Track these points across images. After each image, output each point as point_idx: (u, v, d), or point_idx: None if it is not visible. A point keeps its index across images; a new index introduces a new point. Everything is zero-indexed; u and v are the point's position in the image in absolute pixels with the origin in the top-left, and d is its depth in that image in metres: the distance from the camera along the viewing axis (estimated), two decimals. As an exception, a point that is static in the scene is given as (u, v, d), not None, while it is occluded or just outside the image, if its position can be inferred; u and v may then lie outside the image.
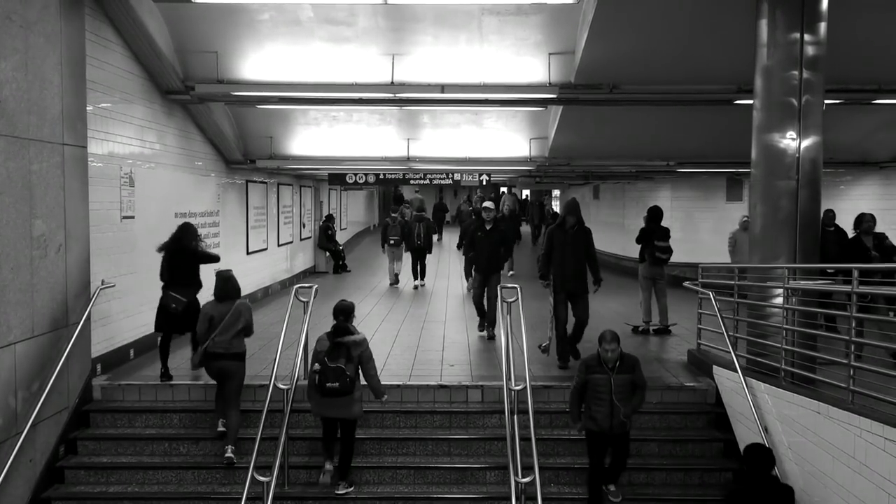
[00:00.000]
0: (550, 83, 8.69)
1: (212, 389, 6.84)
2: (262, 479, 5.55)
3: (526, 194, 32.79)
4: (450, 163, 13.76)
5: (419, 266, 14.99)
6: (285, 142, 12.80)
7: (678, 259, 10.74)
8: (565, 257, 7.81)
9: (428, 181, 14.13)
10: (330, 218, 18.36)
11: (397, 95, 8.96)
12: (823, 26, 6.29)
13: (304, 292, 7.05)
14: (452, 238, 21.21)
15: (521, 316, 6.73)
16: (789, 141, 6.33)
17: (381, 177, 13.94)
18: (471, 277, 10.09)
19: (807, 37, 6.23)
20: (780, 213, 6.41)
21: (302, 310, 6.97)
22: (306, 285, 7.42)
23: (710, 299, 7.28)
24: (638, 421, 6.01)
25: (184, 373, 7.56)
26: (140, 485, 6.43)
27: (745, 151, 6.89)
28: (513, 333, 6.70)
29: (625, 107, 9.72)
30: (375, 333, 9.60)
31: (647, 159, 13.69)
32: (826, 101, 6.57)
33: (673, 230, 10.45)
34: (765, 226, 6.59)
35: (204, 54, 8.74)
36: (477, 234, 9.46)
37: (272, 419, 6.41)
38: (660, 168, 14.13)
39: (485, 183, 14.72)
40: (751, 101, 6.73)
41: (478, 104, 10.12)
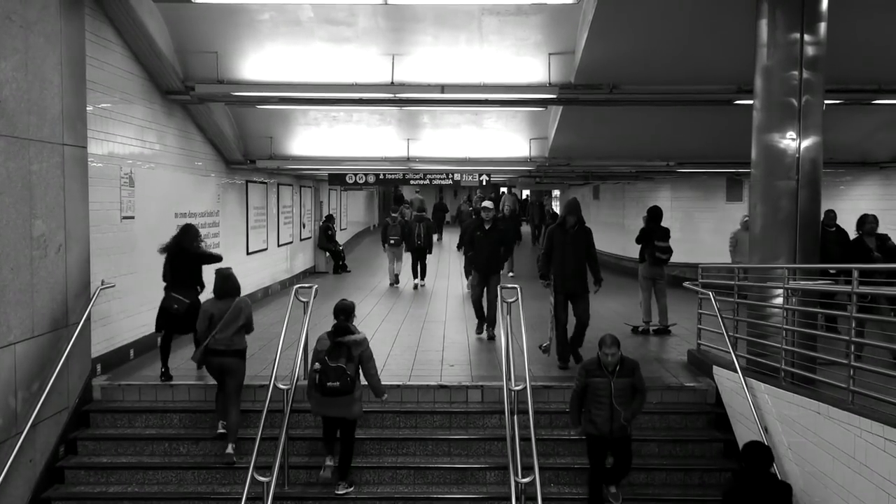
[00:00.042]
0: (550, 83, 8.69)
1: (212, 390, 6.85)
2: (262, 479, 5.56)
3: (526, 194, 32.76)
4: (450, 163, 13.76)
5: (419, 266, 15.05)
6: (285, 142, 12.80)
7: (678, 259, 10.74)
8: (565, 257, 7.79)
9: (428, 181, 14.12)
10: (330, 218, 18.36)
11: (397, 95, 8.96)
12: (823, 26, 6.29)
13: (304, 292, 7.05)
14: (452, 238, 21.21)
15: (521, 316, 6.73)
16: (789, 141, 6.32)
17: (381, 177, 13.93)
18: (471, 276, 10.08)
19: (807, 37, 6.23)
20: (780, 213, 6.41)
21: (302, 310, 6.97)
22: (306, 285, 7.43)
23: (710, 299, 7.28)
24: (638, 421, 6.01)
25: (184, 373, 7.56)
26: (140, 485, 6.43)
27: (745, 151, 6.88)
28: (513, 334, 6.71)
29: (625, 107, 9.72)
30: (375, 333, 9.60)
31: (647, 159, 13.68)
32: (826, 101, 6.57)
33: (673, 230, 10.45)
34: (765, 226, 6.58)
35: (204, 54, 8.74)
36: (476, 234, 9.43)
37: (272, 419, 6.41)
38: (660, 168, 14.12)
39: (485, 183, 14.71)
40: (751, 102, 6.73)
41: (478, 104, 10.11)
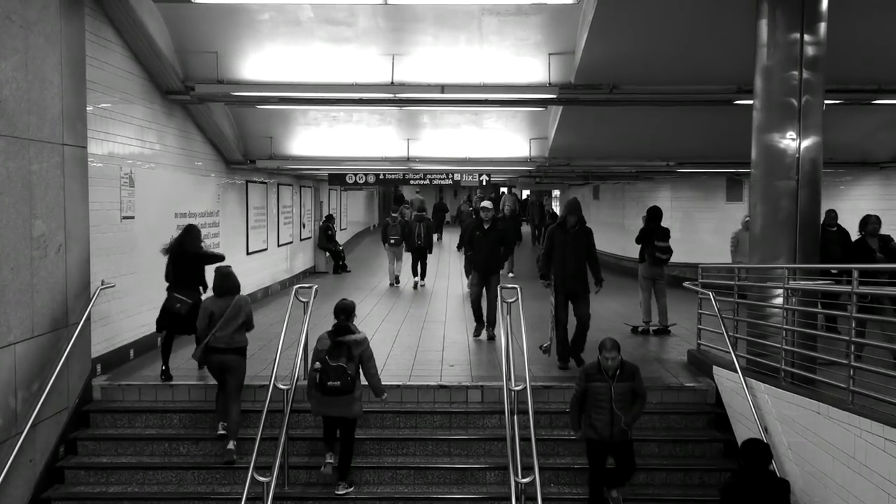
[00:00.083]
0: (550, 83, 8.69)
1: (212, 390, 6.85)
2: (262, 479, 5.56)
3: (526, 194, 32.73)
4: (450, 163, 13.76)
5: (420, 266, 15.10)
6: (285, 142, 12.80)
7: (678, 259, 10.74)
8: (566, 257, 7.77)
9: (428, 181, 14.12)
10: (330, 218, 18.36)
11: (397, 96, 8.96)
12: (823, 26, 6.29)
13: (304, 292, 7.05)
14: (452, 238, 21.20)
15: (521, 316, 6.73)
16: (789, 141, 6.32)
17: (381, 177, 13.93)
18: (470, 276, 10.06)
19: (807, 37, 6.22)
20: (780, 213, 6.41)
21: (302, 310, 6.97)
22: (306, 285, 7.43)
23: (710, 299, 7.28)
24: (638, 421, 5.99)
25: (184, 373, 7.56)
26: (140, 485, 6.43)
27: (745, 152, 6.88)
28: (513, 334, 6.71)
29: (625, 107, 9.72)
30: (375, 333, 9.59)
31: (647, 159, 13.68)
32: (826, 102, 6.57)
33: (673, 230, 10.45)
34: (765, 226, 6.58)
35: (204, 54, 8.74)
36: (475, 234, 9.40)
37: (272, 419, 6.41)
38: (660, 168, 14.12)
39: (485, 183, 14.72)
40: (751, 102, 6.73)
41: (478, 104, 10.11)
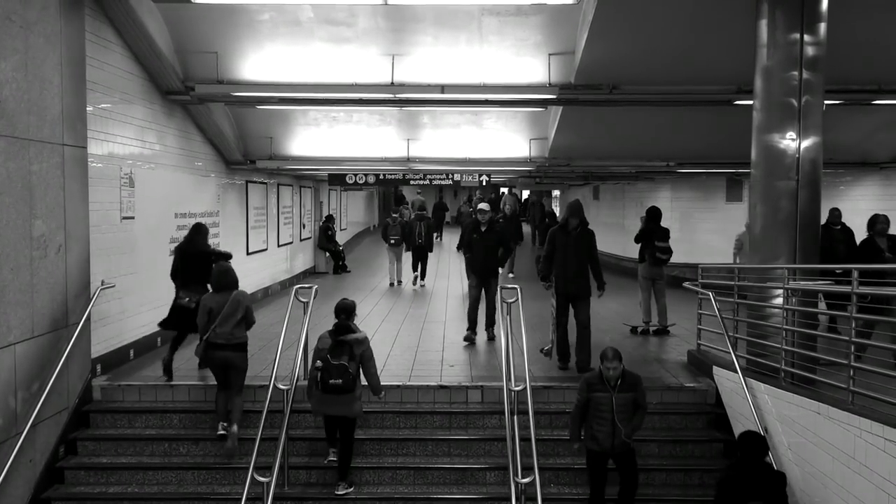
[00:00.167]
0: (550, 84, 8.69)
1: (212, 390, 6.84)
2: (262, 479, 5.55)
3: (526, 195, 32.71)
4: (450, 163, 13.76)
5: (420, 265, 15.19)
6: (285, 142, 12.80)
7: (678, 259, 10.73)
8: (567, 259, 7.71)
9: (428, 182, 14.13)
10: (330, 218, 18.37)
11: (397, 96, 8.96)
12: (823, 27, 6.29)
13: (304, 293, 7.05)
14: (452, 238, 21.21)
15: (521, 317, 6.73)
16: (789, 141, 6.32)
17: (381, 177, 13.93)
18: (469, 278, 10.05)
19: (807, 37, 6.22)
20: (780, 213, 6.41)
21: (302, 310, 6.97)
22: (306, 286, 7.43)
23: (710, 300, 7.28)
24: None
25: (184, 373, 7.56)
26: (140, 485, 6.43)
27: (745, 152, 6.88)
28: (513, 334, 6.70)
29: (625, 107, 9.72)
30: (375, 334, 9.59)
31: (647, 160, 13.69)
32: (826, 102, 6.57)
33: (673, 231, 10.45)
34: (765, 226, 6.58)
35: (204, 55, 8.74)
36: (473, 237, 9.33)
37: (272, 419, 6.41)
38: (660, 168, 14.12)
39: (485, 183, 14.73)
40: (751, 102, 6.73)
41: (478, 105, 10.11)
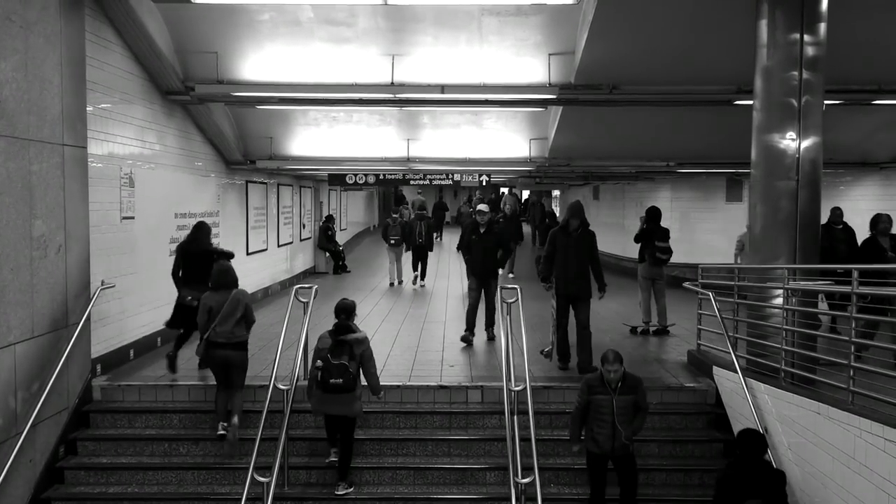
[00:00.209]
0: (550, 84, 8.69)
1: (212, 390, 6.84)
2: (262, 479, 5.55)
3: (527, 195, 32.71)
4: (450, 163, 13.76)
5: (420, 264, 15.24)
6: (285, 142, 12.80)
7: (678, 259, 10.73)
8: (568, 260, 7.69)
9: (428, 182, 14.14)
10: (330, 218, 18.37)
11: (397, 96, 8.96)
12: (823, 27, 6.29)
13: (304, 293, 7.05)
14: (452, 238, 21.21)
15: (521, 317, 6.73)
16: (789, 141, 6.32)
17: (381, 177, 13.94)
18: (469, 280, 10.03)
19: (807, 37, 6.22)
20: (780, 213, 6.40)
21: (302, 310, 6.97)
22: (306, 286, 7.43)
23: (710, 300, 7.27)
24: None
25: (184, 373, 7.56)
26: (140, 485, 6.43)
27: (745, 152, 6.88)
28: (513, 334, 6.70)
29: (625, 107, 9.71)
30: (375, 334, 9.59)
31: (647, 160, 13.68)
32: (826, 102, 6.57)
33: (672, 231, 10.45)
34: (765, 226, 6.58)
35: (204, 55, 8.73)
36: (472, 238, 9.29)
37: (272, 420, 6.41)
38: (660, 168, 14.12)
39: (485, 183, 14.73)
40: (751, 102, 6.73)
41: (478, 105, 10.11)
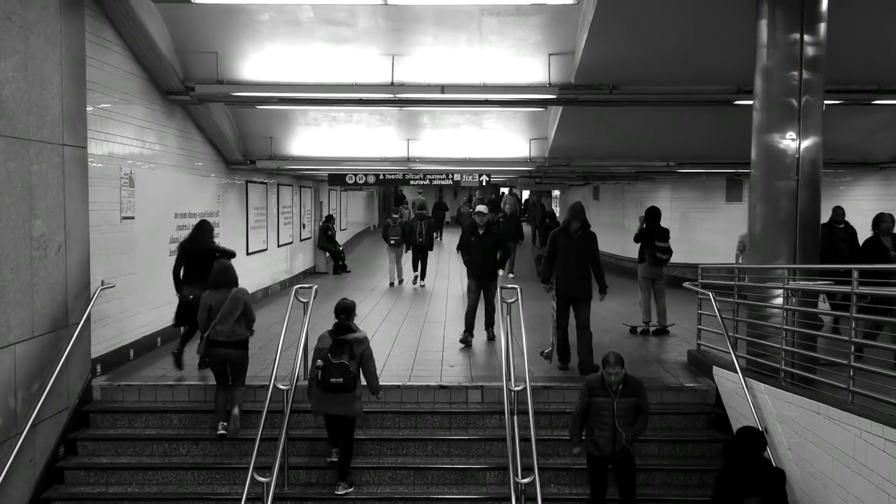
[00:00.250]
0: (550, 84, 8.69)
1: (212, 390, 6.84)
2: (261, 479, 5.56)
3: (527, 195, 32.71)
4: (450, 163, 13.76)
5: (420, 264, 15.26)
6: (285, 142, 12.80)
7: (678, 259, 10.73)
8: (569, 262, 7.68)
9: (428, 182, 14.14)
10: (330, 218, 18.37)
11: (397, 96, 8.95)
12: (823, 27, 6.29)
13: (304, 293, 7.05)
14: (452, 238, 21.21)
15: (521, 317, 6.72)
16: (789, 141, 6.32)
17: (381, 177, 13.94)
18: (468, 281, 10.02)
19: (807, 37, 6.22)
20: (780, 213, 6.40)
21: (302, 310, 6.97)
22: (306, 286, 7.43)
23: (710, 300, 7.27)
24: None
25: (184, 373, 7.57)
26: (140, 485, 6.43)
27: (745, 152, 6.88)
28: (513, 334, 6.70)
29: (625, 107, 9.71)
30: (375, 334, 9.59)
31: (647, 160, 13.68)
32: (826, 102, 6.56)
33: (672, 231, 10.45)
34: (765, 226, 6.58)
35: (204, 55, 8.73)
36: (470, 239, 9.26)
37: (272, 420, 6.41)
38: (660, 168, 14.11)
39: (485, 183, 14.73)
40: (751, 102, 6.73)
41: (478, 105, 10.10)
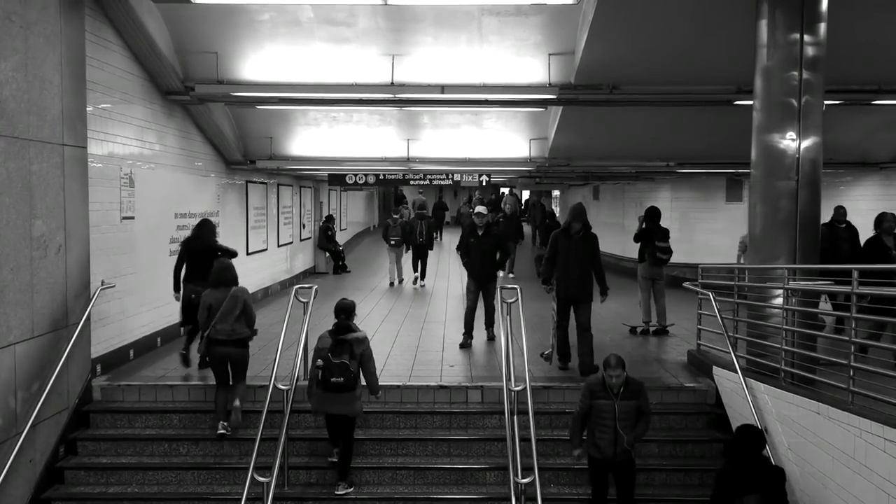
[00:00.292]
0: (550, 84, 8.69)
1: (212, 390, 6.84)
2: (261, 479, 5.56)
3: (527, 195, 32.71)
4: (450, 163, 13.76)
5: (420, 263, 15.27)
6: (285, 142, 12.80)
7: (678, 259, 10.73)
8: (570, 263, 7.67)
9: (428, 182, 14.15)
10: (330, 218, 18.37)
11: (397, 96, 8.95)
12: (823, 27, 6.29)
13: (304, 293, 7.05)
14: (452, 238, 21.21)
15: (521, 317, 6.73)
16: (789, 141, 6.32)
17: (381, 177, 13.94)
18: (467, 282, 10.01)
19: (806, 37, 6.22)
20: (780, 213, 6.40)
21: (302, 310, 6.97)
22: (306, 286, 7.43)
23: (710, 300, 7.27)
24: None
25: (184, 373, 7.58)
26: (140, 485, 6.43)
27: (745, 152, 6.88)
28: (512, 334, 6.70)
29: (625, 107, 9.71)
30: (375, 334, 9.59)
31: (647, 160, 13.68)
32: (826, 102, 6.56)
33: (672, 231, 10.46)
34: (765, 226, 6.58)
35: (204, 55, 8.73)
36: (470, 240, 9.24)
37: (272, 420, 6.41)
38: (660, 168, 14.12)
39: (485, 183, 14.73)
40: (751, 102, 6.72)
41: (478, 105, 10.10)
